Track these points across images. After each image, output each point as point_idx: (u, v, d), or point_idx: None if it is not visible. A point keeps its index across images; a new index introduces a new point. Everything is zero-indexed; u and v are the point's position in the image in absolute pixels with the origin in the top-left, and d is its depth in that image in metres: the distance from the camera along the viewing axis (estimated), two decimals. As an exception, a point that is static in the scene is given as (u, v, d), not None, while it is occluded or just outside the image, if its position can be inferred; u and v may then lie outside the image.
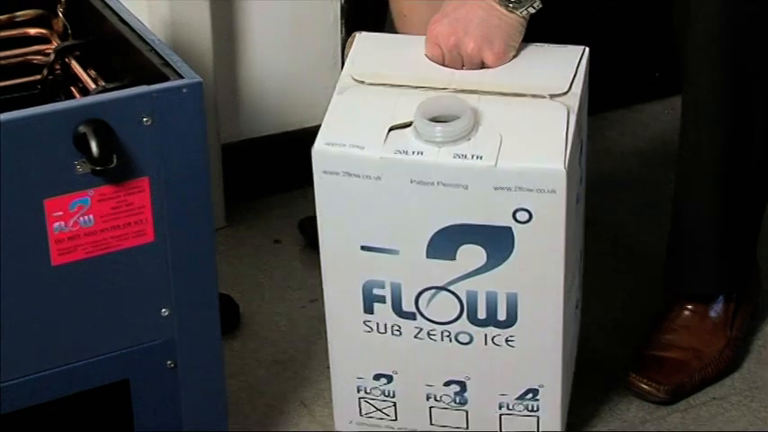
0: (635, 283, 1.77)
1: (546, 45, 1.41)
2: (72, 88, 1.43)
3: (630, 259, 1.83)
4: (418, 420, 1.45)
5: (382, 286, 1.36)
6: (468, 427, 1.44)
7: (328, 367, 1.48)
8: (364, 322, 1.39)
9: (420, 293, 1.36)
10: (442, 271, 1.34)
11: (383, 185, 1.31)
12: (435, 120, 1.31)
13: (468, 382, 1.41)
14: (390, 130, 1.31)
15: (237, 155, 1.91)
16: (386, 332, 1.39)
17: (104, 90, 1.31)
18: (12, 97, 1.43)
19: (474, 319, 1.36)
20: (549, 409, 1.41)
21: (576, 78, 1.36)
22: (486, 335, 1.37)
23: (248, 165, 1.94)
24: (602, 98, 1.82)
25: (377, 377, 1.43)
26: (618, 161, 2.06)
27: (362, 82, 1.37)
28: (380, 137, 1.31)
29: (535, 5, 1.36)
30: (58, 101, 1.39)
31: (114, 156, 1.20)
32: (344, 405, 1.47)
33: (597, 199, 1.81)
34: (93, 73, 1.41)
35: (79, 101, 1.30)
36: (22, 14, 1.48)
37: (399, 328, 1.38)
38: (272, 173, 1.97)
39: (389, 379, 1.42)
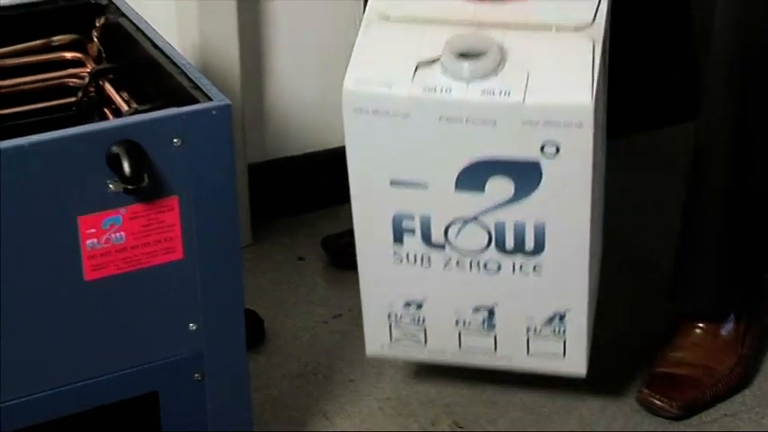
0: (648, 298, 1.76)
1: None
2: (105, 110, 1.44)
3: (642, 273, 1.82)
4: (447, 345, 1.44)
5: (412, 218, 1.35)
6: (496, 351, 1.42)
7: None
8: (394, 253, 1.38)
9: (449, 225, 1.34)
10: (470, 203, 1.32)
11: (412, 123, 1.29)
12: (462, 55, 1.29)
13: (496, 309, 1.39)
14: (417, 66, 1.29)
15: (263, 175, 1.91)
16: (416, 262, 1.38)
17: (136, 112, 1.31)
18: (48, 119, 1.44)
19: (502, 249, 1.35)
20: (575, 334, 1.40)
21: (600, 9, 1.32)
22: (514, 263, 1.35)
23: (274, 184, 1.93)
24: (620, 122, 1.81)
25: (407, 305, 1.41)
26: (632, 178, 2.05)
27: (387, 17, 1.35)
28: (408, 74, 1.29)
29: None
30: (92, 122, 1.39)
31: (145, 175, 1.20)
32: (375, 331, 1.46)
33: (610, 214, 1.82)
34: (125, 95, 1.41)
35: (112, 122, 1.32)
36: (59, 39, 1.48)
37: (429, 258, 1.37)
38: (296, 192, 1.97)
39: (419, 306, 1.41)
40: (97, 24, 1.48)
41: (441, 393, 1.58)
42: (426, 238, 1.35)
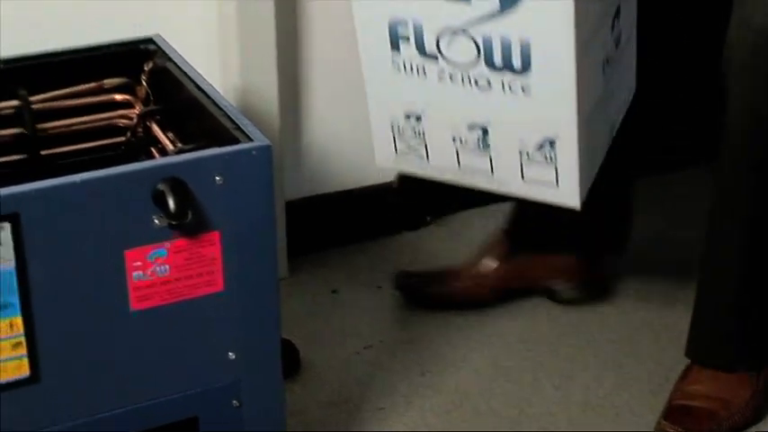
0: (666, 335, 1.75)
1: None
2: (152, 149, 1.45)
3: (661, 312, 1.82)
4: (447, 162, 1.45)
5: (405, 24, 1.36)
6: (493, 173, 1.43)
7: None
8: (392, 61, 1.39)
9: (440, 35, 1.35)
10: (458, 13, 1.33)
11: None
12: None
13: (489, 128, 1.40)
14: None
15: (300, 211, 1.91)
16: (413, 72, 1.39)
17: (181, 151, 1.32)
18: (99, 157, 1.45)
19: (491, 64, 1.35)
20: (566, 163, 1.39)
21: None
22: (503, 81, 1.36)
23: (310, 220, 1.94)
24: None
25: (407, 117, 1.43)
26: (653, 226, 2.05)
27: None
28: None
29: None
30: (139, 161, 1.40)
31: (189, 211, 1.21)
32: (382, 142, 1.47)
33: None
34: (171, 135, 1.42)
35: (158, 161, 1.33)
36: (110, 82, 1.49)
37: (424, 69, 1.38)
38: (331, 228, 1.97)
39: (418, 118, 1.43)
40: (146, 68, 1.49)
41: (469, 424, 1.58)
42: (420, 47, 1.37)
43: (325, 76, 1.89)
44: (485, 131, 1.42)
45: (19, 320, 1.19)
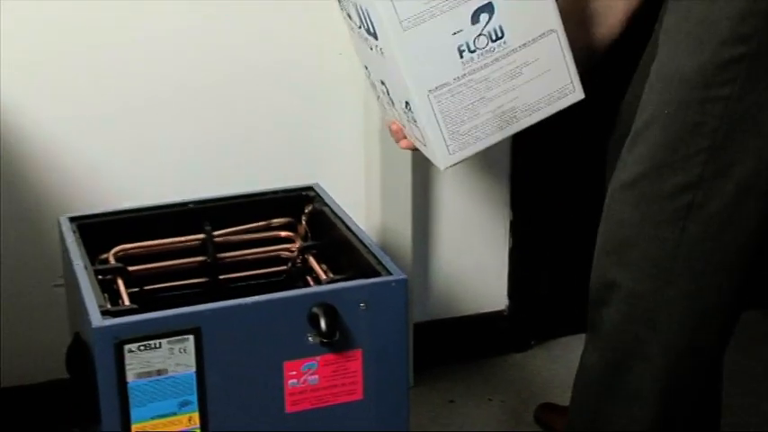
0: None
1: None
2: (308, 278, 1.46)
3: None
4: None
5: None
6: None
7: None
8: None
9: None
10: None
11: None
12: None
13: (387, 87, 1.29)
14: None
15: (425, 331, 1.90)
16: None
17: (333, 281, 1.34)
18: (265, 282, 1.47)
19: (367, 30, 1.24)
20: (423, 125, 1.25)
21: None
22: (372, 45, 1.25)
23: (433, 340, 1.92)
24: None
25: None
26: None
27: None
28: None
29: None
30: (298, 287, 1.43)
31: (337, 332, 1.22)
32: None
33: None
34: (324, 267, 1.44)
35: (313, 288, 1.34)
36: (276, 221, 1.51)
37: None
38: (450, 347, 1.96)
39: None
40: (306, 211, 1.51)
41: None
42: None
43: (450, 221, 1.90)
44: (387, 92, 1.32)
45: (196, 416, 1.21)
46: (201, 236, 1.46)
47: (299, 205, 1.52)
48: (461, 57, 1.23)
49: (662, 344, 1.23)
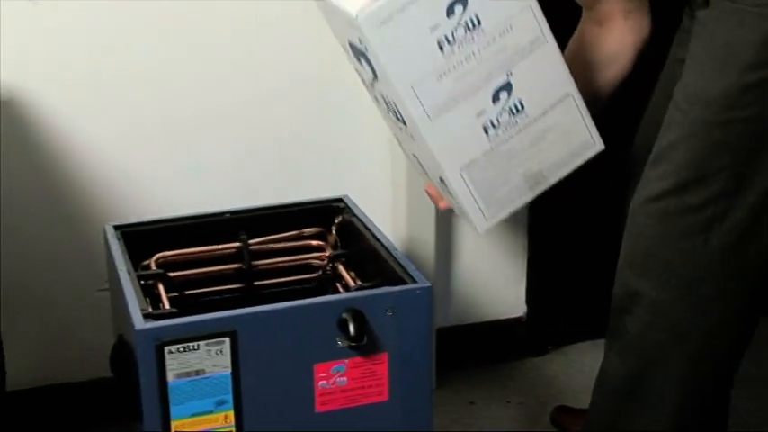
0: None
1: None
2: (338, 285, 1.46)
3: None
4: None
5: None
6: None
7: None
8: None
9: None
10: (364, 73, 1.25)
11: None
12: None
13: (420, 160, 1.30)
14: None
15: (447, 336, 1.90)
16: None
17: (361, 288, 1.33)
18: (297, 288, 1.47)
19: (396, 116, 1.24)
20: (459, 197, 1.27)
21: None
22: (401, 128, 1.26)
23: (454, 344, 1.92)
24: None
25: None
26: None
27: None
28: None
29: None
30: (328, 293, 1.43)
31: (365, 336, 1.22)
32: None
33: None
34: (353, 274, 1.43)
35: (343, 295, 1.35)
36: (308, 231, 1.51)
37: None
38: (470, 351, 1.95)
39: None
40: (336, 221, 1.51)
41: None
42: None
43: (471, 232, 1.85)
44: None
45: (231, 414, 1.21)
46: (237, 244, 1.47)
47: (329, 216, 1.52)
48: (487, 134, 1.26)
49: (683, 352, 1.24)
